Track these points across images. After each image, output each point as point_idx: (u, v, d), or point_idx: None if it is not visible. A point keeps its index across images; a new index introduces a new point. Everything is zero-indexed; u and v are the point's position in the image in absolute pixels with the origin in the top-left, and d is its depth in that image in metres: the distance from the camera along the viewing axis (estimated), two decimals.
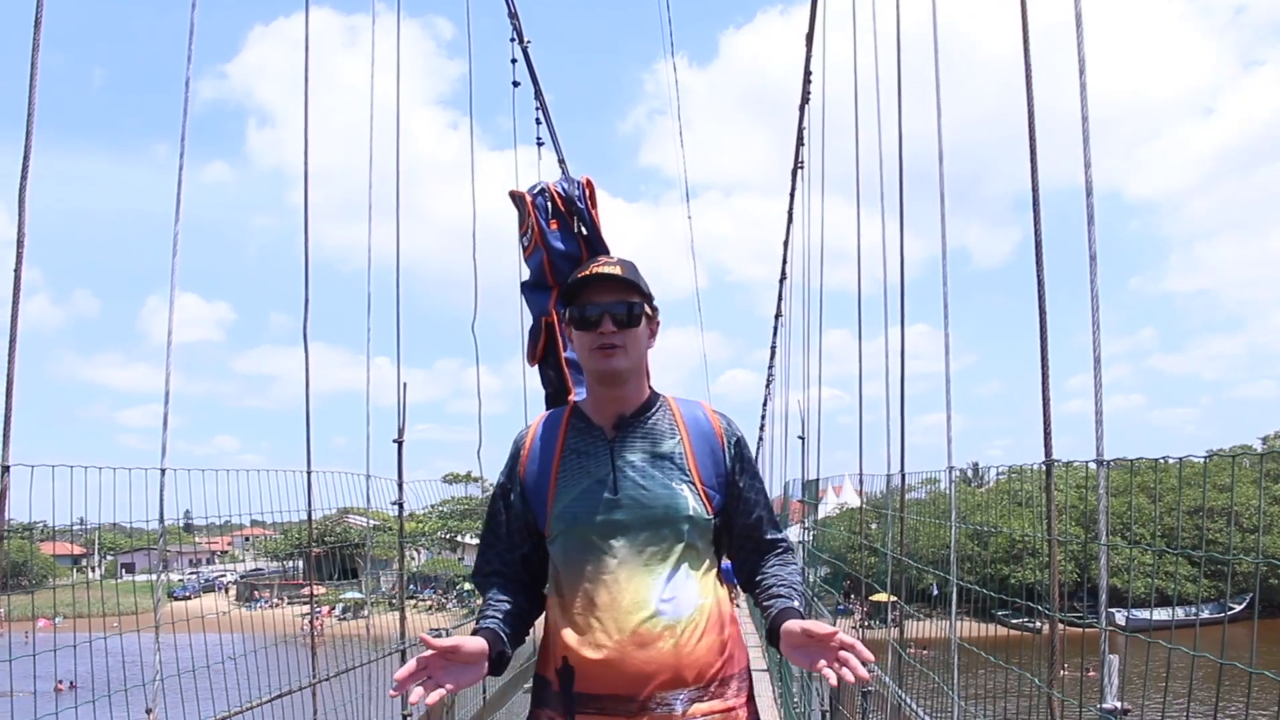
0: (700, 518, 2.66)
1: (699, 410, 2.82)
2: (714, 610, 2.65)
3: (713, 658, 2.60)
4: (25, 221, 3.33)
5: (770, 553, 2.79)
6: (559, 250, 3.34)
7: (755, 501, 2.77)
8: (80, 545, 36.33)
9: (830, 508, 16.49)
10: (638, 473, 2.67)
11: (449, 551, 60.85)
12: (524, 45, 9.86)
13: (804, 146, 12.67)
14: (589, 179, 3.35)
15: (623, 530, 2.62)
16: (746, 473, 2.77)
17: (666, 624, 2.56)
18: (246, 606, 40.67)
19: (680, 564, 2.62)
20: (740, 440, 2.81)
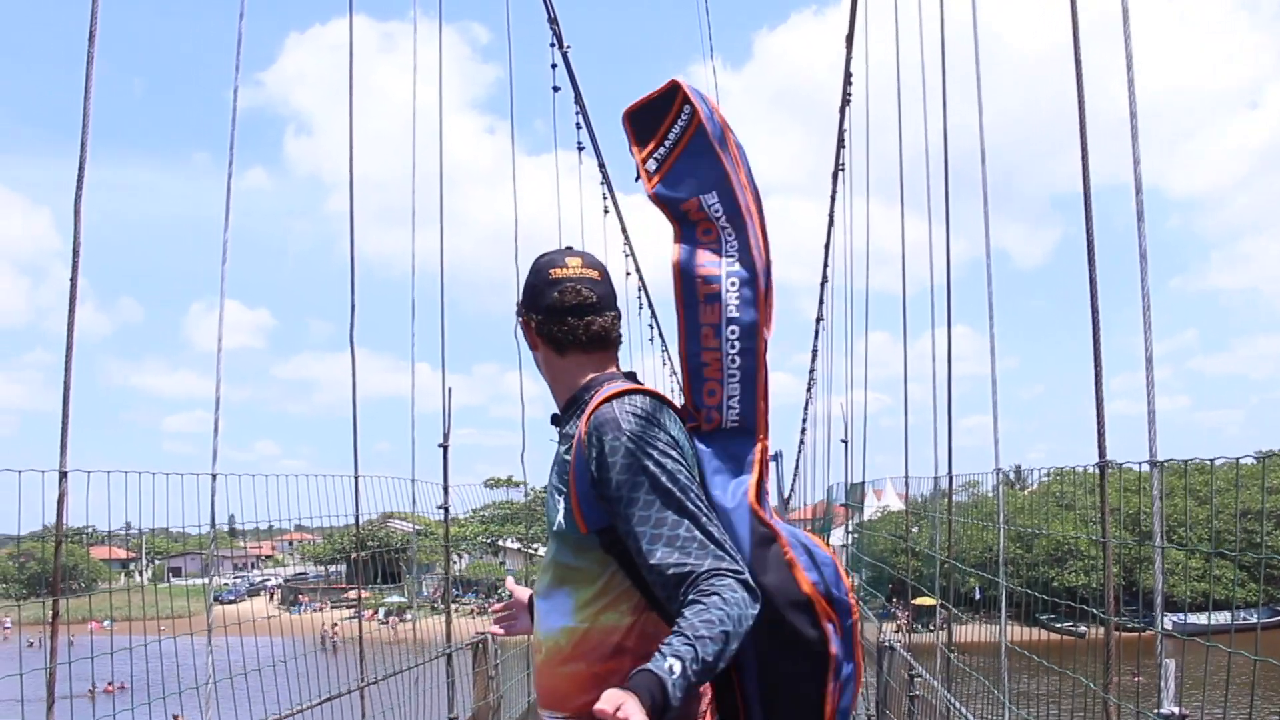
0: (569, 535, 2.36)
1: (586, 411, 2.39)
2: (594, 637, 2.34)
3: (573, 688, 2.33)
4: (80, 231, 3.38)
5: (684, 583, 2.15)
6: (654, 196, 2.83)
7: (641, 518, 2.22)
8: (129, 549, 36.68)
9: (872, 511, 16.41)
10: (550, 480, 2.52)
11: (491, 556, 61.05)
12: (564, 50, 9.90)
13: (845, 149, 12.64)
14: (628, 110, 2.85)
15: (545, 537, 2.56)
16: (622, 485, 2.25)
17: (539, 638, 2.45)
18: (291, 610, 41.09)
19: (559, 581, 2.42)
20: (610, 445, 2.28)
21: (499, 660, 6.68)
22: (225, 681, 4.19)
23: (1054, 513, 26.96)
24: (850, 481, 12.90)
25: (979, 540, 12.59)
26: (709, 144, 2.74)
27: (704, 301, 2.64)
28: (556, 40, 9.72)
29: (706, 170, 2.72)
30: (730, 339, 2.63)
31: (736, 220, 2.70)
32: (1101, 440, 3.35)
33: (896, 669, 6.83)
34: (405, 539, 22.26)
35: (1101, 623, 3.64)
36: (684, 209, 2.71)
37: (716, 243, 2.69)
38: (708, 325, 2.63)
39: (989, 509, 13.74)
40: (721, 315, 2.63)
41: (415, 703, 5.80)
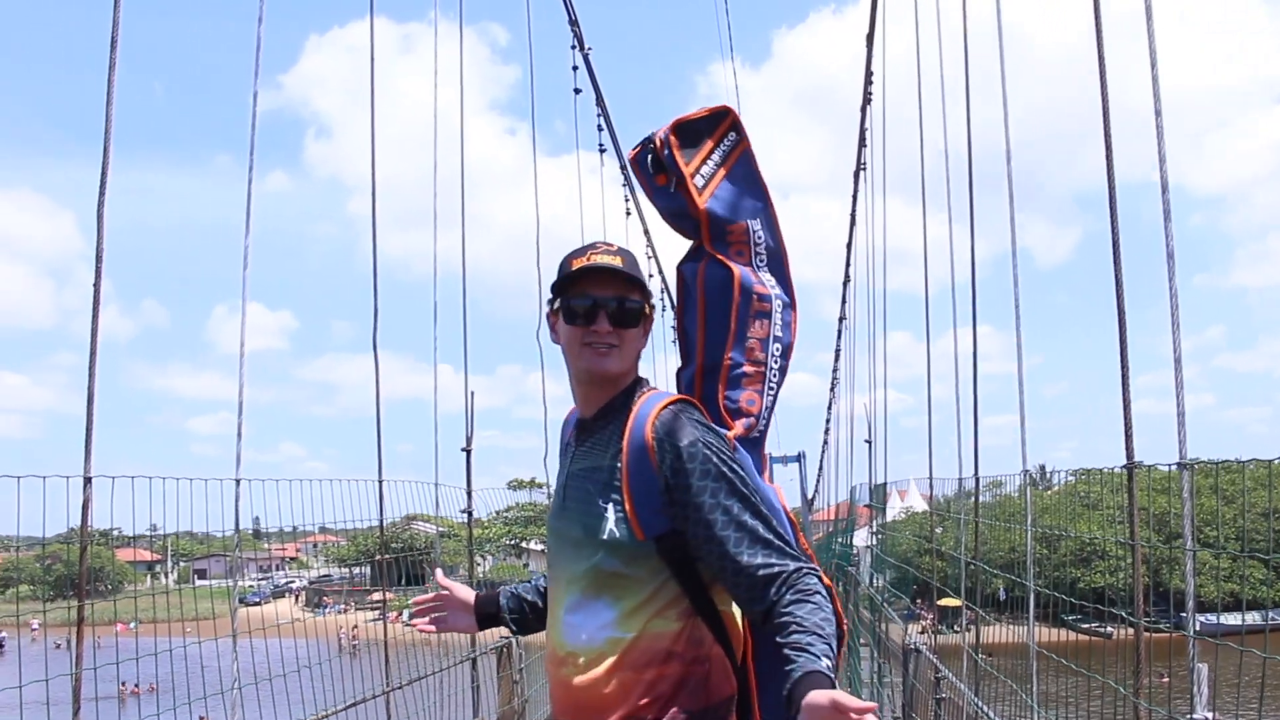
0: (623, 543, 2.34)
1: (645, 416, 2.40)
2: (640, 647, 2.34)
3: (619, 698, 2.33)
4: (103, 236, 3.39)
5: (776, 583, 2.24)
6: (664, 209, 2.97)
7: (720, 522, 2.28)
8: (154, 552, 36.75)
9: (895, 512, 16.34)
10: (579, 485, 2.46)
11: (514, 558, 61.11)
12: (585, 52, 9.90)
13: (866, 148, 12.62)
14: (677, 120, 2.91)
15: (562, 543, 2.48)
16: (700, 490, 2.30)
17: (570, 650, 2.39)
18: (315, 612, 41.23)
19: (599, 591, 2.38)
20: (686, 451, 2.32)
21: (523, 664, 6.68)
22: (250, 685, 4.21)
23: (1078, 513, 26.81)
24: (874, 482, 12.85)
25: (1003, 541, 12.51)
26: (754, 173, 2.93)
27: (754, 317, 2.79)
28: (578, 42, 9.72)
29: (752, 198, 2.90)
30: (775, 355, 2.82)
31: (774, 254, 2.91)
32: (1129, 442, 3.31)
33: (922, 671, 6.78)
34: (429, 541, 22.28)
35: (1130, 624, 3.60)
36: (729, 229, 2.84)
37: (750, 265, 2.86)
38: (755, 339, 2.78)
39: (1013, 509, 13.68)
40: (769, 332, 2.81)
41: (440, 707, 5.80)
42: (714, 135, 2.92)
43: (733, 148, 2.93)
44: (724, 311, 2.79)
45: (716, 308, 2.81)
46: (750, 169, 2.94)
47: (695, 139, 2.90)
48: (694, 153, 2.90)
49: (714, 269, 2.84)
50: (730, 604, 2.48)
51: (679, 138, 2.88)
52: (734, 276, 2.80)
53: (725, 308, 2.80)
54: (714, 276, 2.82)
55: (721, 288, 2.81)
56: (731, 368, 2.78)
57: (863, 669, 12.36)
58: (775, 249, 2.93)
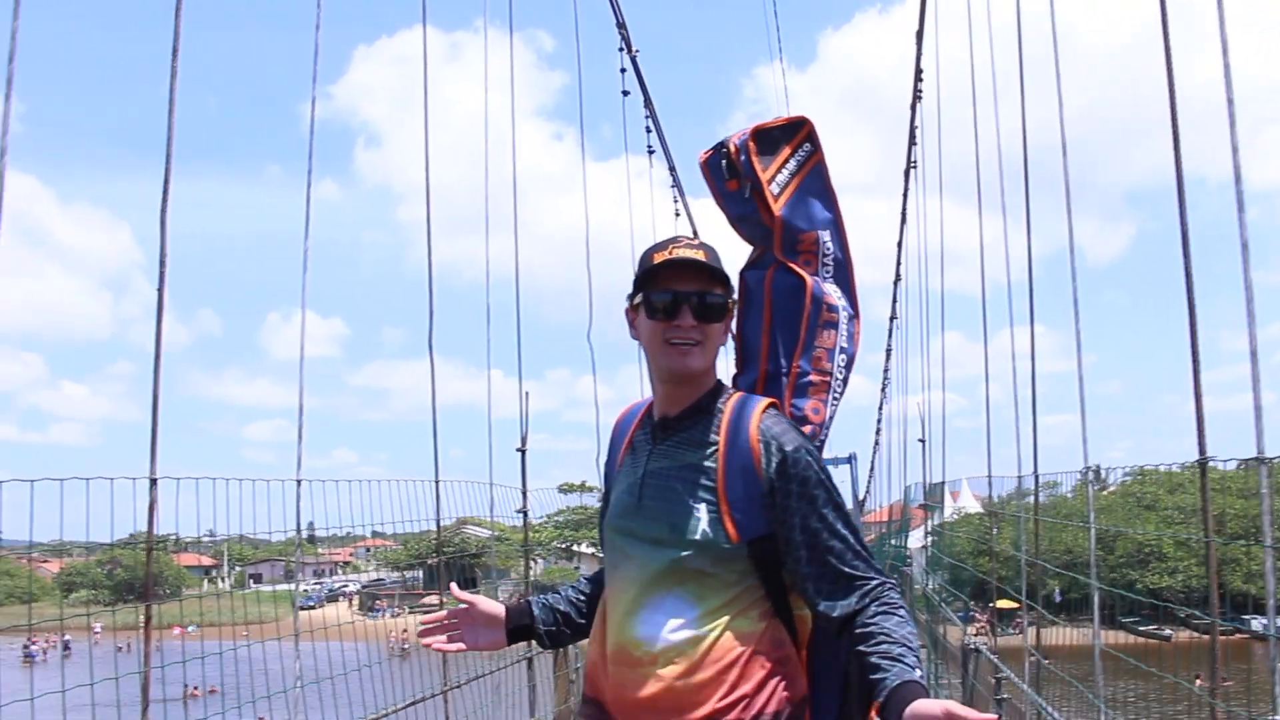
0: (715, 544, 2.32)
1: (747, 417, 2.40)
2: (723, 646, 2.31)
3: (699, 697, 2.29)
4: (167, 243, 3.43)
5: (859, 592, 2.28)
6: (732, 214, 2.95)
7: (816, 529, 2.30)
8: (212, 556, 37.13)
9: (948, 513, 16.17)
10: (662, 483, 2.41)
11: (565, 560, 61.33)
12: (633, 55, 9.88)
13: (916, 146, 12.51)
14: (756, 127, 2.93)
15: (636, 542, 2.43)
16: (800, 496, 2.31)
17: (646, 650, 2.33)
18: (369, 616, 41.68)
19: (681, 590, 2.34)
20: (791, 456, 2.33)
21: (579, 664, 6.67)
22: (311, 686, 4.23)
23: (1135, 513, 26.35)
24: (929, 482, 12.74)
25: (1058, 541, 12.35)
26: (826, 185, 2.96)
27: (822, 327, 2.81)
28: (625, 45, 9.71)
29: (824, 209, 2.92)
30: (840, 365, 2.85)
31: (841, 265, 2.93)
32: (1201, 437, 3.24)
33: (982, 672, 6.70)
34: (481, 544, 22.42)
35: (1192, 627, 3.52)
36: (800, 238, 2.87)
37: (816, 275, 2.88)
38: (822, 348, 2.81)
39: (1067, 510, 13.53)
40: (836, 343, 2.84)
41: (496, 707, 5.82)
42: (790, 144, 2.94)
43: (807, 158, 2.95)
44: (794, 319, 2.81)
45: (785, 315, 2.82)
46: (823, 180, 2.97)
47: (772, 146, 2.92)
48: (771, 160, 2.91)
49: (784, 276, 2.85)
50: (803, 608, 2.46)
51: (757, 144, 2.90)
52: (806, 285, 2.82)
53: (796, 316, 2.81)
54: (784, 284, 2.84)
55: (791, 295, 2.83)
56: (799, 376, 2.80)
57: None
58: (842, 261, 2.95)
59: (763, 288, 2.84)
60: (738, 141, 2.89)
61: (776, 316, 2.83)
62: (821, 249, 2.89)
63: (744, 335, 2.81)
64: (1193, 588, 36.36)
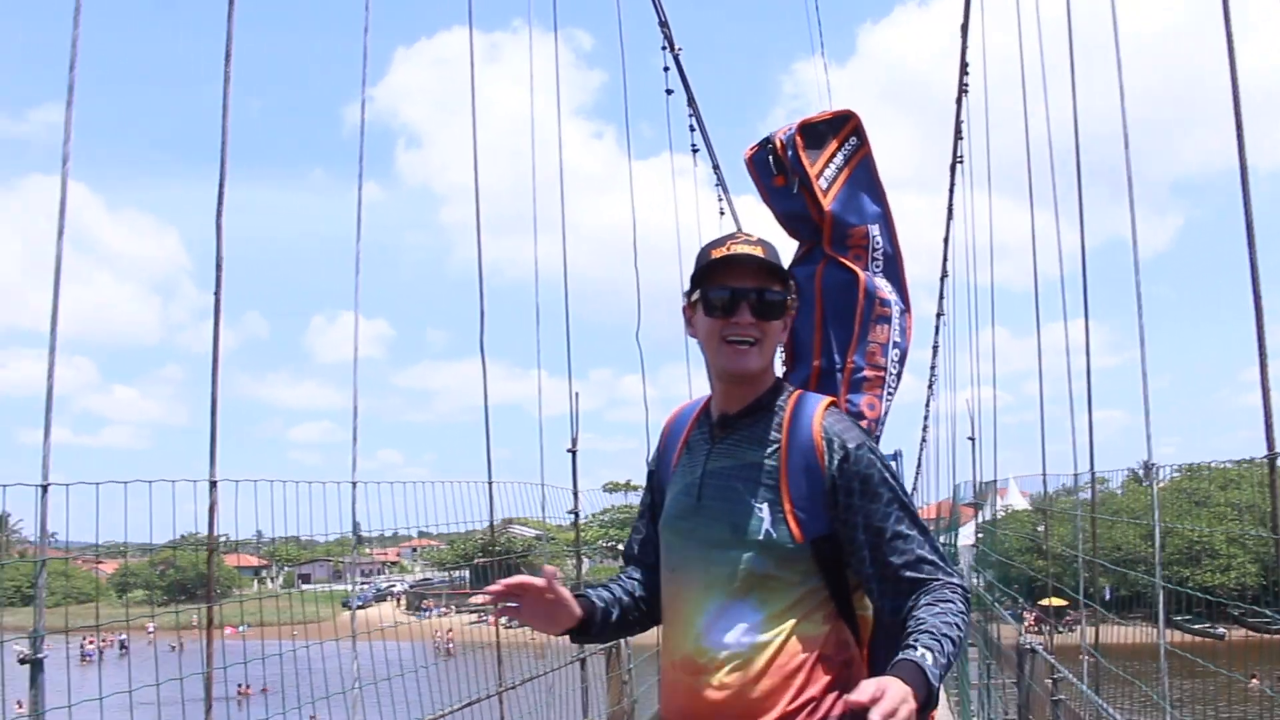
0: (778, 544, 2.28)
1: (808, 415, 2.36)
2: (789, 650, 2.28)
3: (765, 704, 2.25)
4: (223, 246, 3.47)
5: (917, 590, 2.24)
6: (780, 211, 2.91)
7: (880, 529, 2.26)
8: (261, 557, 37.63)
9: (995, 510, 16.03)
10: (722, 483, 2.37)
11: (611, 560, 61.42)
12: (675, 53, 9.86)
13: (962, 140, 12.40)
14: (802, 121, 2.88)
15: (695, 544, 2.38)
16: (863, 494, 2.27)
17: (711, 657, 2.29)
18: (417, 615, 41.96)
19: (745, 593, 2.30)
20: (854, 453, 2.29)
21: (632, 665, 6.68)
22: (370, 685, 4.26)
23: (1185, 509, 25.98)
24: (980, 479, 12.63)
25: (1106, 538, 12.17)
26: (873, 179, 2.94)
27: (876, 321, 2.80)
28: (668, 43, 9.69)
29: (872, 203, 2.91)
30: (894, 360, 2.85)
31: (891, 259, 2.92)
32: (1270, 431, 3.17)
33: (1039, 672, 6.62)
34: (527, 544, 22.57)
35: (1254, 626, 3.46)
36: (850, 232, 2.85)
37: (866, 270, 2.86)
38: (875, 343, 2.79)
39: (1116, 506, 13.36)
40: (889, 337, 2.83)
41: (550, 707, 5.83)
42: (837, 138, 2.91)
43: (854, 151, 2.93)
44: (847, 314, 2.79)
45: (837, 311, 2.79)
46: (871, 174, 2.95)
47: (819, 141, 2.89)
48: (818, 154, 2.88)
49: (834, 272, 2.83)
50: (868, 608, 2.43)
51: (804, 138, 2.86)
52: (859, 280, 2.79)
53: (848, 311, 2.79)
54: (835, 279, 2.81)
55: (843, 290, 2.80)
56: (854, 371, 2.78)
57: (971, 670, 12.14)
58: (892, 255, 2.93)
59: (813, 284, 2.80)
60: (784, 136, 2.85)
61: (828, 312, 2.79)
62: (871, 243, 2.87)
63: (794, 332, 2.77)
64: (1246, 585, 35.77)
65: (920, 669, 1.95)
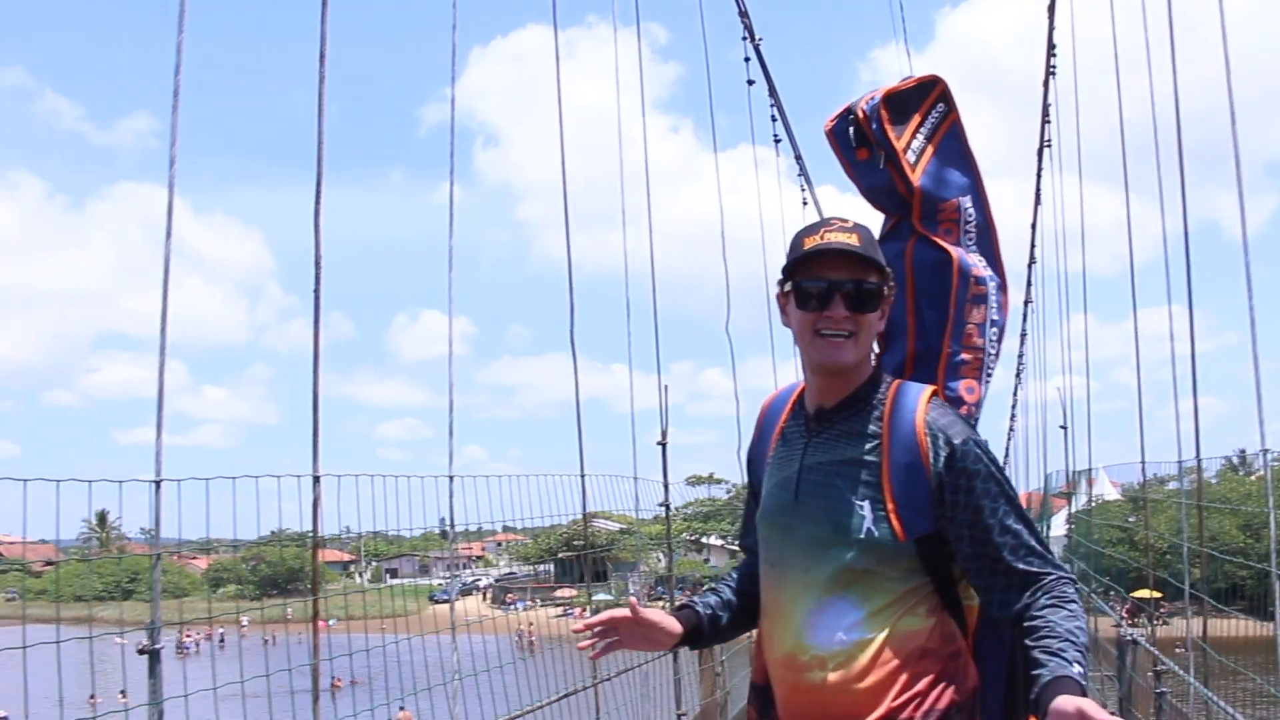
0: (881, 543, 2.23)
1: (911, 408, 2.29)
2: (892, 646, 2.23)
3: (870, 700, 2.21)
4: (321, 244, 3.52)
5: (1033, 587, 2.18)
6: (865, 186, 2.82)
7: (989, 525, 2.20)
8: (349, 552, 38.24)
9: (1084, 501, 15.72)
10: (820, 479, 2.31)
11: (695, 553, 61.60)
12: (756, 43, 9.78)
13: (1050, 123, 12.17)
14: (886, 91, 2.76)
15: (794, 541, 2.33)
16: (969, 490, 2.21)
17: (815, 654, 2.26)
18: (502, 609, 42.45)
19: (846, 590, 2.26)
20: (959, 449, 2.23)
21: (724, 657, 6.67)
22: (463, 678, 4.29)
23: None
24: (1073, 468, 12.38)
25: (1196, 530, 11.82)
26: (963, 146, 2.82)
27: (971, 301, 2.69)
28: (748, 33, 9.62)
29: (962, 174, 2.79)
30: (992, 339, 2.74)
31: (984, 231, 2.81)
32: None
33: (1141, 665, 6.48)
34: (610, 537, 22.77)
35: None
36: (940, 206, 2.74)
37: (959, 245, 2.75)
38: (973, 324, 2.69)
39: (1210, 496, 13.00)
40: (986, 316, 2.72)
41: (644, 700, 5.85)
42: (922, 107, 2.79)
43: (942, 119, 2.81)
44: (941, 297, 2.68)
45: (930, 293, 2.69)
46: (959, 142, 2.82)
47: (904, 110, 2.77)
48: (904, 126, 2.76)
49: (925, 250, 2.71)
50: (974, 597, 2.39)
51: (889, 110, 2.73)
52: (952, 260, 2.68)
53: (942, 293, 2.69)
54: (926, 258, 2.70)
55: (935, 271, 2.69)
56: (951, 356, 2.68)
57: None
58: (985, 226, 2.81)
59: (903, 261, 2.69)
60: (866, 107, 2.73)
61: (920, 292, 2.69)
62: (963, 216, 2.76)
63: None
64: None
65: (1080, 686, 1.95)
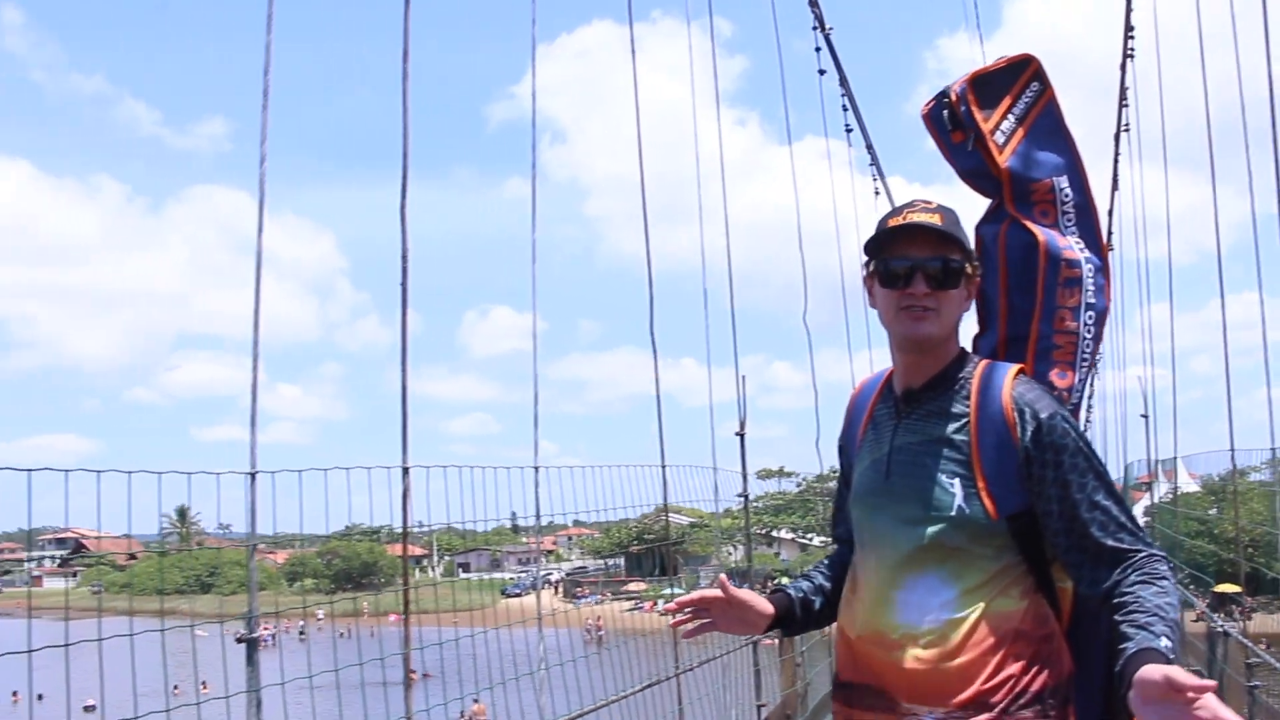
0: (973, 520, 2.24)
1: (998, 386, 2.30)
2: (986, 625, 2.22)
3: (962, 680, 2.21)
4: (408, 239, 3.56)
5: (1123, 564, 2.16)
6: (961, 168, 2.83)
7: (1076, 501, 2.19)
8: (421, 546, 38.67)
9: (1162, 492, 15.43)
10: (910, 458, 2.33)
11: (765, 546, 61.46)
12: (826, 33, 9.71)
13: (1127, 107, 11.95)
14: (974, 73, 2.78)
15: (886, 520, 2.35)
16: (1058, 465, 2.22)
17: (905, 632, 2.26)
18: (574, 603, 42.72)
19: (938, 567, 2.26)
20: (1046, 423, 2.23)
21: (804, 648, 6.66)
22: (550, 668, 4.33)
23: None
24: (1155, 458, 12.17)
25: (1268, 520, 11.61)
26: (1058, 125, 2.79)
27: (1063, 285, 2.67)
28: (819, 23, 9.55)
29: (1056, 153, 2.76)
30: (1088, 324, 2.70)
31: (1083, 210, 2.77)
32: None
33: (1233, 658, 6.34)
34: (681, 531, 22.84)
35: None
36: (1032, 188, 2.72)
37: (1056, 226, 2.72)
38: (1065, 308, 2.66)
39: None
40: (1081, 300, 2.68)
41: (725, 690, 5.86)
42: (1014, 88, 2.78)
43: (1035, 99, 2.79)
44: (1029, 281, 2.67)
45: (1020, 277, 2.68)
46: (1054, 120, 2.80)
47: (994, 93, 2.76)
48: (992, 108, 2.75)
49: (1016, 234, 2.71)
50: (1065, 579, 2.37)
51: (976, 93, 2.74)
52: (1039, 244, 2.67)
53: (1030, 277, 2.67)
54: (1016, 242, 2.69)
55: (1024, 254, 2.69)
56: (1039, 340, 2.66)
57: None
58: (1084, 205, 2.78)
59: (997, 244, 2.71)
60: (959, 89, 2.74)
61: (1012, 278, 2.69)
62: (1059, 196, 2.74)
63: (983, 293, 2.68)
64: None
65: (1167, 659, 1.92)
